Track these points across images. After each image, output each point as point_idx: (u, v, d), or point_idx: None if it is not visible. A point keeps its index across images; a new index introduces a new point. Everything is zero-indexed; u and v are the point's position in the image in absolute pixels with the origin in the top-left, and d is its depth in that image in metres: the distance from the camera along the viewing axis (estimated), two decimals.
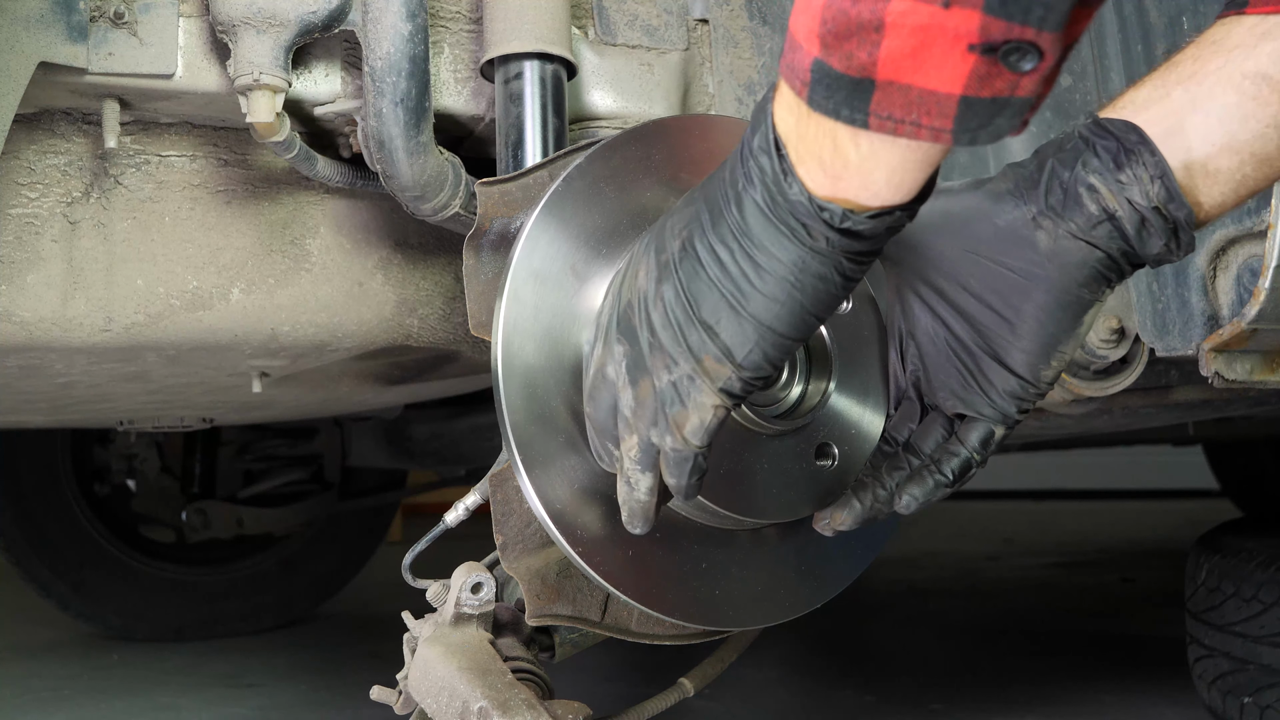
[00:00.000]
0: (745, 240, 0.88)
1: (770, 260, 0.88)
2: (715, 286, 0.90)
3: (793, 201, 0.85)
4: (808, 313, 0.90)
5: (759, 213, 0.87)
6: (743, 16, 1.55)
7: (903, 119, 0.77)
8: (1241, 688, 1.93)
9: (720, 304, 0.90)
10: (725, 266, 0.90)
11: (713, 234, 0.91)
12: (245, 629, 3.52)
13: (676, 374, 0.93)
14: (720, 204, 0.91)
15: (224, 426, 3.48)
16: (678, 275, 0.93)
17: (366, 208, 1.60)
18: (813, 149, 0.83)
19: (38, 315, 1.41)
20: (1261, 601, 1.91)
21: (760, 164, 0.86)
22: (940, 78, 0.74)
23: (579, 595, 1.15)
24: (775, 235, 0.87)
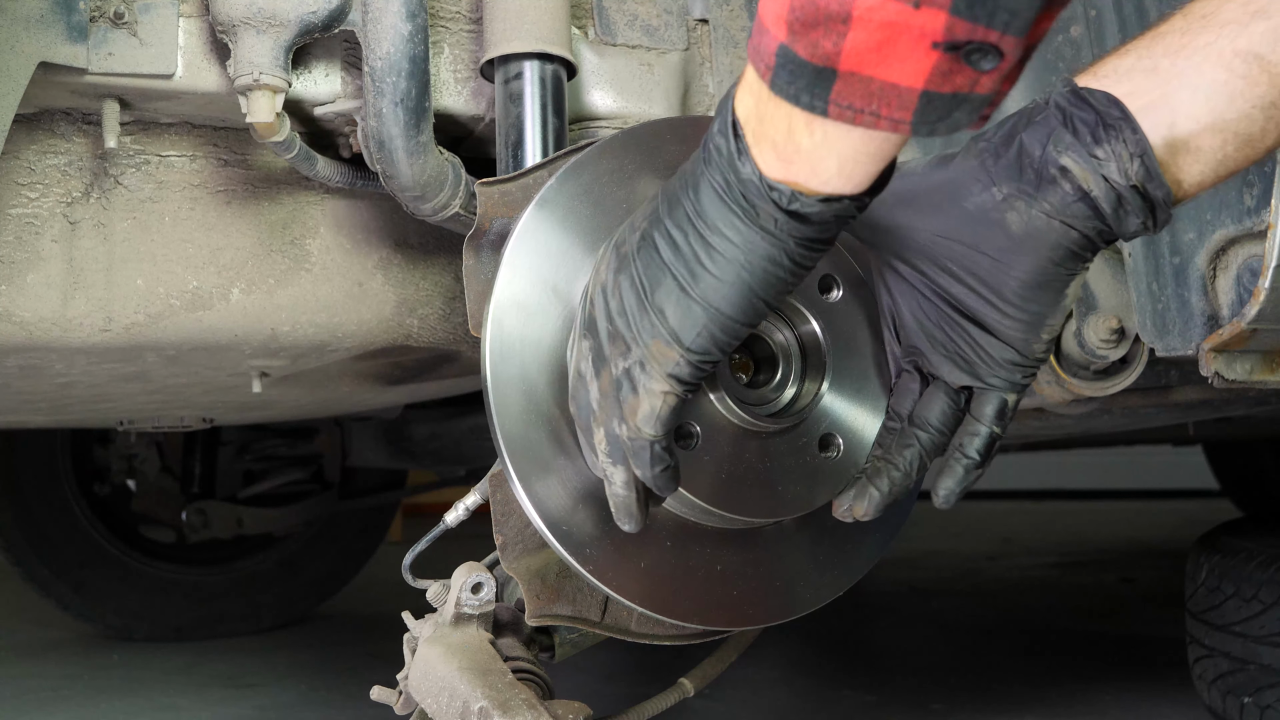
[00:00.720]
0: (699, 222, 0.89)
1: (721, 241, 0.88)
2: (667, 270, 0.91)
3: (745, 180, 0.86)
4: (756, 296, 0.90)
5: (713, 194, 0.88)
6: (743, 16, 1.55)
7: (862, 109, 0.78)
8: (1241, 688, 1.93)
9: (671, 287, 0.91)
10: (679, 248, 0.91)
11: (669, 220, 0.92)
12: (245, 629, 3.52)
13: (629, 361, 0.94)
14: (678, 191, 0.92)
15: (224, 426, 3.48)
16: (635, 264, 0.94)
17: (366, 208, 1.60)
18: (769, 131, 0.84)
19: (38, 315, 1.41)
20: (1261, 601, 1.91)
21: (717, 144, 0.88)
22: (903, 72, 0.76)
23: (579, 595, 1.15)
24: (727, 215, 0.88)
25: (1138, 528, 6.02)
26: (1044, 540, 5.57)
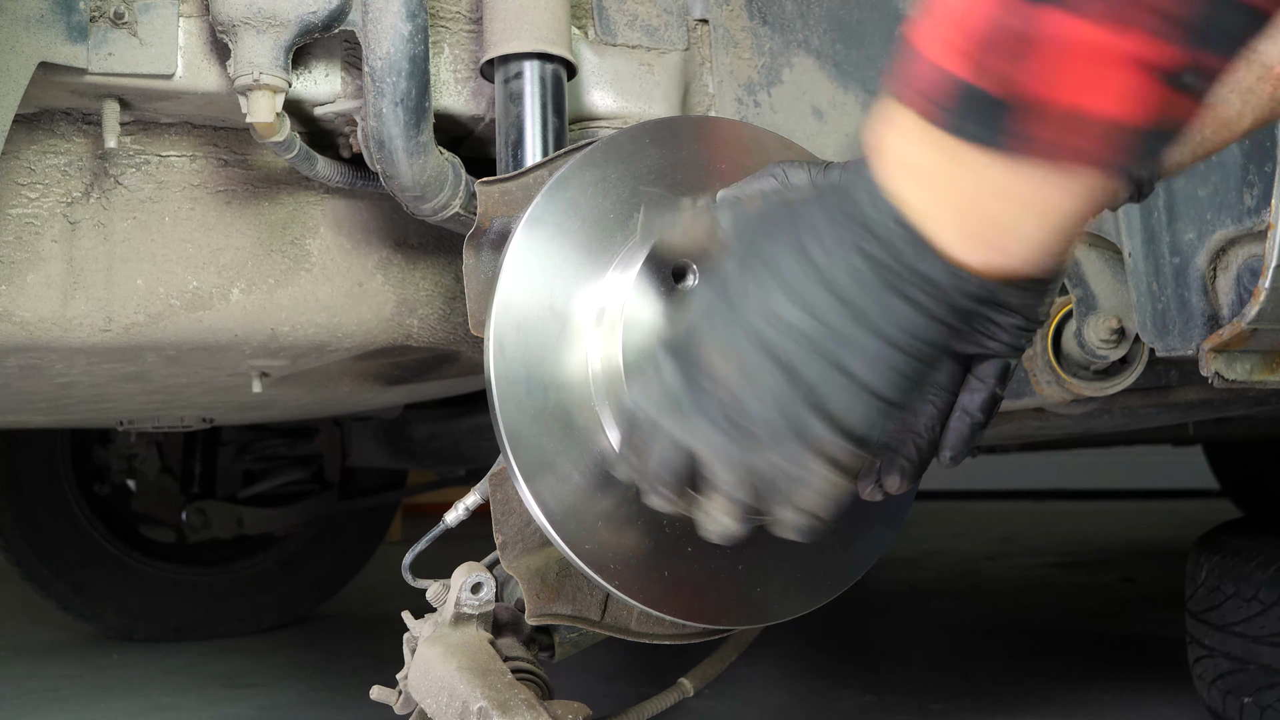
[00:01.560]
0: (847, 307, 0.78)
1: (880, 326, 0.78)
2: (817, 355, 0.80)
3: (927, 277, 0.75)
4: (918, 379, 0.82)
5: (867, 277, 0.76)
6: (743, 16, 1.55)
7: (1066, 147, 0.68)
8: (1241, 688, 1.93)
9: (827, 373, 0.80)
10: (827, 329, 0.79)
11: (808, 293, 0.79)
12: (245, 629, 3.52)
13: (781, 452, 0.83)
14: (811, 262, 0.79)
15: (224, 426, 3.48)
16: (766, 345, 0.81)
17: (366, 208, 1.60)
18: (948, 195, 0.72)
19: (38, 315, 1.41)
20: (1261, 601, 1.91)
21: (876, 228, 0.75)
22: (1116, 103, 0.66)
23: (579, 595, 1.15)
24: (886, 301, 0.77)
25: (1138, 528, 6.02)
26: (1044, 540, 5.57)
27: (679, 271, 1.08)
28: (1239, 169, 1.35)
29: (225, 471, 3.60)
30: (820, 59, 1.58)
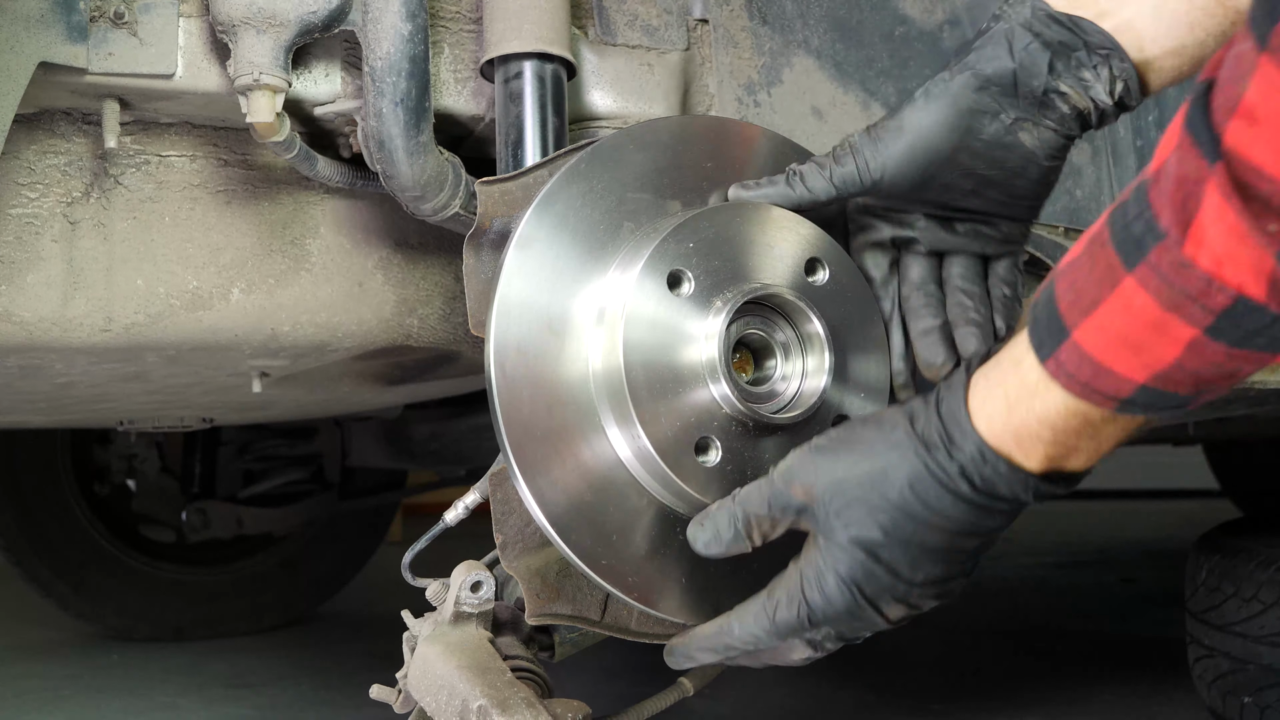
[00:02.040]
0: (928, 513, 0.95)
1: (951, 546, 0.97)
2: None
3: (1009, 498, 0.93)
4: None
5: (959, 514, 0.95)
6: (743, 16, 1.55)
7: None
8: (1241, 688, 1.93)
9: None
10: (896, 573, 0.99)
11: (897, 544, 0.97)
12: (245, 629, 3.52)
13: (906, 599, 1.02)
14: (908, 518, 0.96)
15: (224, 426, 3.48)
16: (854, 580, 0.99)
17: (366, 208, 1.60)
18: (1066, 440, 0.90)
19: (38, 315, 1.41)
20: (1261, 601, 1.91)
21: (973, 472, 0.92)
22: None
23: (578, 594, 1.15)
24: (972, 521, 0.95)
25: (1138, 528, 6.02)
26: (1044, 540, 5.56)
27: (674, 279, 1.08)
28: None
29: (225, 471, 3.60)
30: (820, 59, 1.58)
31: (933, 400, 0.96)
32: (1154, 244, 0.75)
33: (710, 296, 1.10)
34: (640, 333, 1.07)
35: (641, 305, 1.07)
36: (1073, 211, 1.59)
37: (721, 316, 1.09)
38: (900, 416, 0.97)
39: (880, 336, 1.18)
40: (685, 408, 1.08)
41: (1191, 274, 0.73)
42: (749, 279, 1.12)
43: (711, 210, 1.13)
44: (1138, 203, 0.77)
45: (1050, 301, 0.85)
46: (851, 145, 1.13)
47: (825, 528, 0.98)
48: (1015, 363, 0.90)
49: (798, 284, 1.15)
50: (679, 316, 1.09)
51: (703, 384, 1.09)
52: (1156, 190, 0.75)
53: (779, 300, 1.13)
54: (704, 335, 1.09)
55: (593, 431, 1.09)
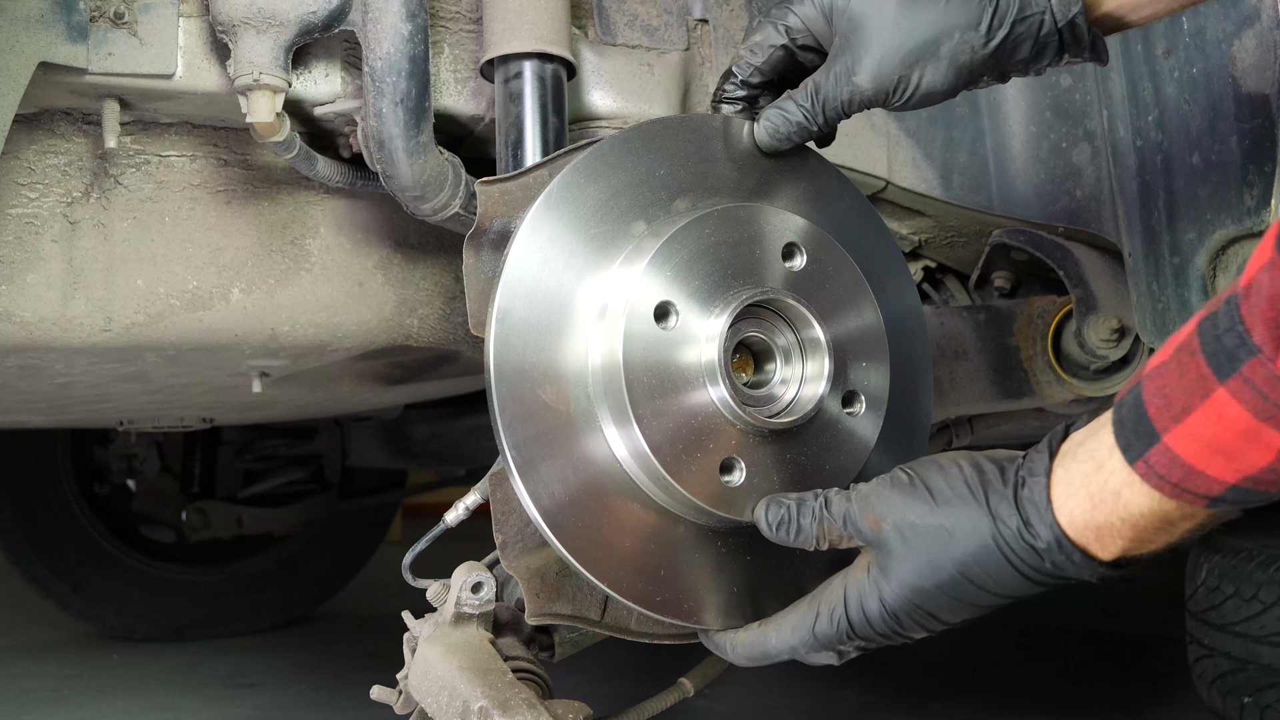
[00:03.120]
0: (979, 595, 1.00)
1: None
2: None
3: (1067, 576, 0.96)
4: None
5: (1016, 582, 0.98)
6: (743, 16, 1.55)
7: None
8: (1241, 688, 1.93)
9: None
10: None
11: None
12: (245, 629, 3.52)
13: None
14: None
15: (224, 426, 3.48)
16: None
17: (366, 208, 1.60)
18: (1145, 533, 0.92)
19: (38, 315, 1.41)
20: (1261, 601, 1.91)
21: (1044, 552, 0.95)
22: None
23: (579, 595, 1.15)
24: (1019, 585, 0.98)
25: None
26: None
27: (661, 311, 1.09)
28: (1239, 169, 1.35)
29: (225, 471, 3.60)
30: None
31: (1012, 478, 0.98)
32: (1247, 358, 0.80)
33: (711, 300, 1.10)
34: (640, 333, 1.07)
35: (647, 298, 1.07)
36: (1073, 211, 1.59)
37: (723, 319, 1.09)
38: (976, 477, 0.99)
39: (878, 330, 1.18)
40: (683, 409, 1.08)
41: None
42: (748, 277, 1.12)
43: (710, 214, 1.13)
44: (1229, 316, 0.81)
45: (1138, 405, 0.88)
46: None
47: (883, 560, 1.02)
48: (1098, 464, 0.92)
49: (775, 269, 1.15)
50: (680, 316, 1.09)
51: (701, 386, 1.09)
52: (1248, 305, 0.79)
53: (781, 304, 1.13)
54: (705, 337, 1.09)
55: (591, 432, 1.09)
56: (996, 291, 1.75)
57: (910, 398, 1.26)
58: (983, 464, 1.00)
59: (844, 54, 1.13)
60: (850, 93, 1.13)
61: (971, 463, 1.01)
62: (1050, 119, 1.59)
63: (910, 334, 1.28)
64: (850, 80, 1.13)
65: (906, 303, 1.29)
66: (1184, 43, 1.39)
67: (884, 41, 1.11)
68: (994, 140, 1.62)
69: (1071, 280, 1.60)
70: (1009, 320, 1.68)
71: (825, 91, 1.14)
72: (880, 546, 1.02)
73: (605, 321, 1.09)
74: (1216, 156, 1.37)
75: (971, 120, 1.62)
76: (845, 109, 1.15)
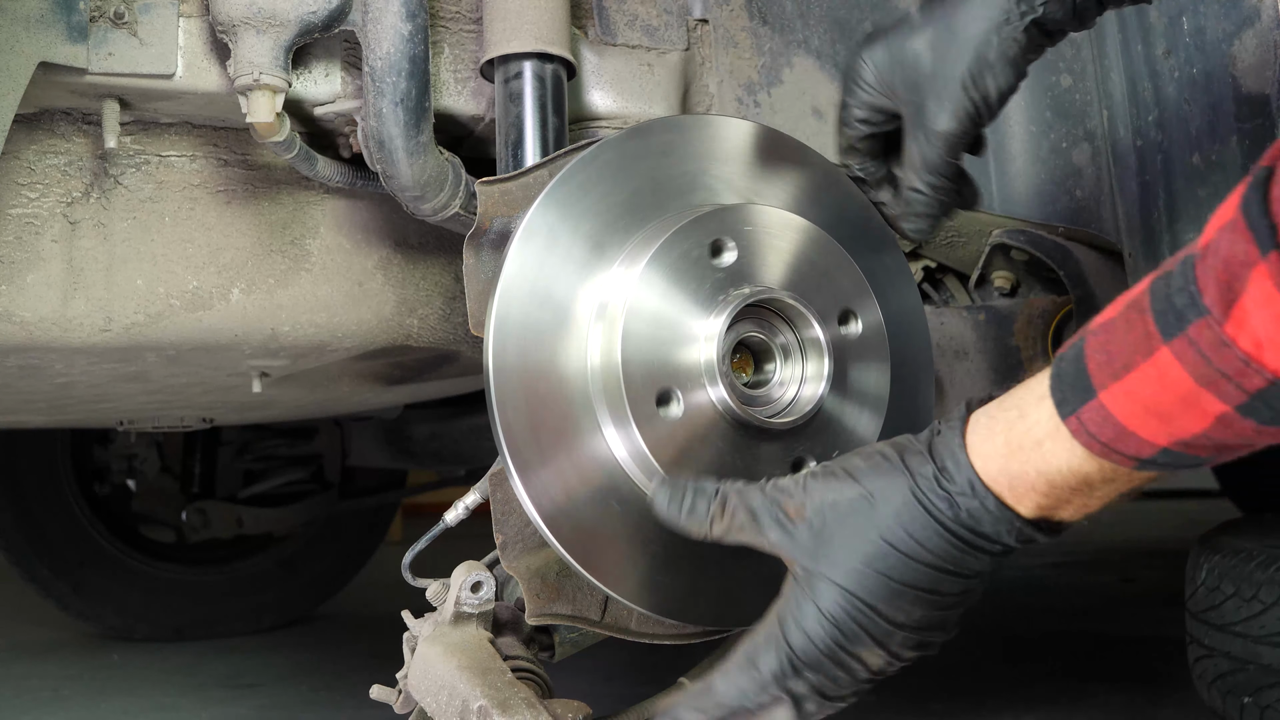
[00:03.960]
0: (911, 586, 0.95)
1: (938, 586, 0.96)
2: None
3: (997, 540, 0.93)
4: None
5: (945, 550, 0.94)
6: (743, 16, 1.55)
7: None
8: (1241, 688, 1.93)
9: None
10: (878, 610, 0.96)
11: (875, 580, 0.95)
12: (245, 629, 3.52)
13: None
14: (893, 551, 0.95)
15: (224, 426, 3.48)
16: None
17: (366, 208, 1.60)
18: (1074, 495, 0.90)
19: (38, 315, 1.41)
20: (1261, 601, 1.91)
21: (963, 510, 0.92)
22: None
23: (579, 595, 1.15)
24: (957, 560, 0.94)
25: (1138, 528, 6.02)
26: None
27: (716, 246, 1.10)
28: (1239, 169, 1.35)
29: (225, 471, 3.60)
30: (820, 59, 1.58)
31: (927, 435, 0.96)
32: (1195, 318, 0.77)
33: (714, 297, 1.10)
34: (640, 333, 1.07)
35: (646, 298, 1.07)
36: (1073, 211, 1.60)
37: (723, 318, 1.09)
38: (893, 449, 0.97)
39: (879, 330, 1.19)
40: (683, 408, 1.08)
41: (1229, 353, 0.75)
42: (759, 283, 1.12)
43: (709, 214, 1.13)
44: (1183, 275, 0.78)
45: (1079, 359, 0.86)
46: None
47: (808, 555, 0.97)
48: (1022, 412, 0.90)
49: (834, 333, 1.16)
50: (680, 317, 1.09)
51: (700, 386, 1.09)
52: (1203, 266, 0.77)
53: (781, 304, 1.13)
54: (704, 336, 1.09)
55: (590, 432, 1.09)
56: (996, 291, 1.75)
57: (910, 397, 1.26)
58: (899, 439, 0.99)
59: (913, 114, 1.15)
60: (941, 141, 1.14)
61: (891, 440, 1.00)
62: (1050, 119, 1.59)
63: (910, 334, 1.28)
64: (933, 131, 1.14)
65: (907, 303, 1.29)
66: (1184, 43, 1.39)
67: (942, 82, 1.12)
68: (994, 140, 1.62)
69: (1071, 280, 1.60)
70: (1009, 320, 1.68)
71: (922, 156, 1.16)
72: (799, 541, 0.97)
73: (604, 322, 1.09)
74: (1216, 156, 1.37)
75: None
76: (952, 154, 1.16)
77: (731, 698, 1.00)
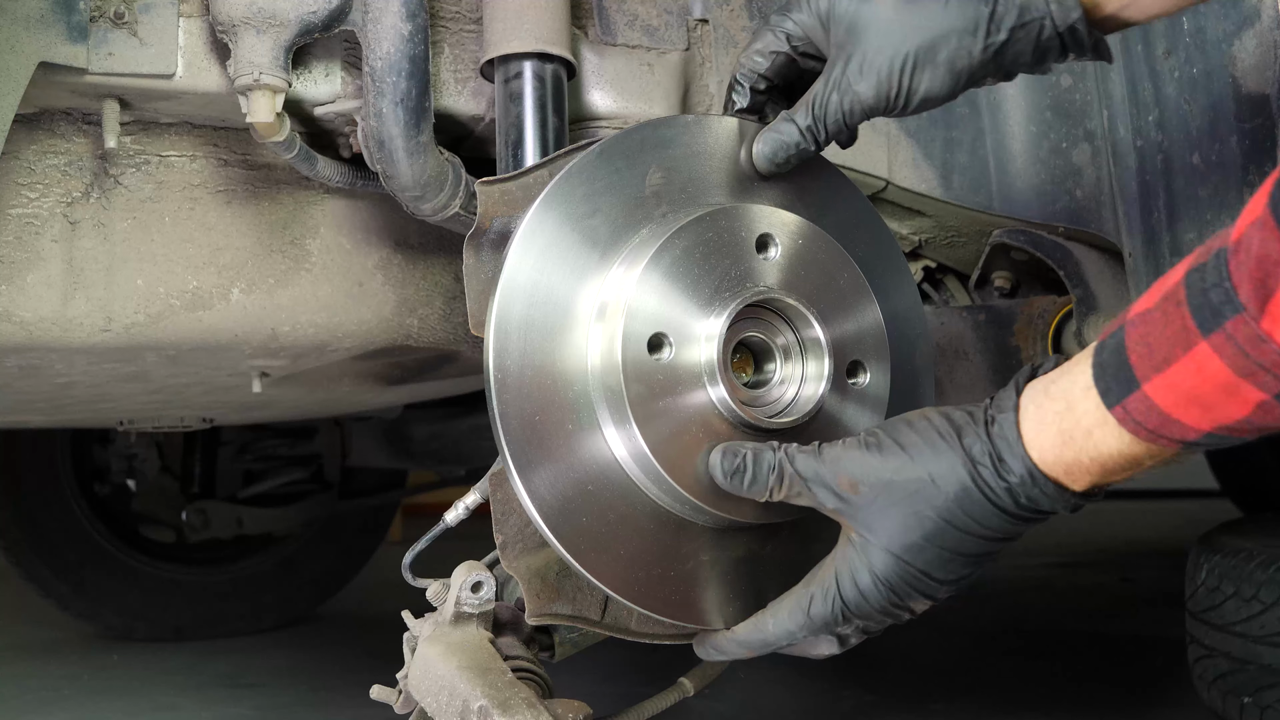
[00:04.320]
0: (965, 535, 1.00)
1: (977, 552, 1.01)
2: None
3: (1044, 510, 0.97)
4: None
5: (996, 519, 0.98)
6: (743, 16, 1.55)
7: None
8: (1241, 688, 1.93)
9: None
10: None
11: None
12: (245, 629, 3.52)
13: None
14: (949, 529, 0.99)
15: (224, 426, 3.48)
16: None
17: (366, 208, 1.60)
18: (1120, 465, 0.93)
19: (38, 315, 1.41)
20: (1261, 601, 1.91)
21: (1017, 488, 0.96)
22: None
23: (579, 595, 1.15)
24: (1003, 528, 0.99)
25: (1138, 528, 6.02)
26: (1043, 540, 5.56)
27: (655, 343, 1.08)
28: (1239, 169, 1.35)
29: (225, 471, 3.60)
30: None
31: (981, 417, 0.99)
32: (1231, 315, 0.80)
33: (708, 304, 1.10)
34: (640, 333, 1.07)
35: (645, 299, 1.07)
36: (1073, 211, 1.59)
37: (723, 318, 1.09)
38: (948, 426, 1.00)
39: (878, 330, 1.19)
40: (682, 410, 1.08)
41: (1267, 348, 0.79)
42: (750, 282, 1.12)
43: (709, 214, 1.13)
44: (1216, 271, 0.81)
45: (1120, 350, 0.89)
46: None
47: (865, 525, 1.01)
48: (1070, 404, 0.93)
49: (748, 257, 1.14)
50: (679, 317, 1.09)
51: (700, 386, 1.09)
52: (1236, 262, 0.80)
53: (780, 304, 1.13)
54: (704, 336, 1.09)
55: (591, 432, 1.09)
56: (996, 291, 1.75)
57: (910, 398, 1.26)
58: (951, 413, 1.01)
59: (840, 62, 1.12)
60: (850, 102, 1.12)
61: (940, 413, 1.01)
62: (1050, 119, 1.59)
63: (910, 334, 1.28)
64: (850, 89, 1.11)
65: (907, 303, 1.29)
66: (1184, 43, 1.39)
67: (880, 48, 1.10)
68: (994, 140, 1.62)
69: (1071, 280, 1.60)
70: (1009, 320, 1.68)
71: (824, 104, 1.13)
72: (858, 511, 1.01)
73: (604, 322, 1.09)
74: (1216, 156, 1.37)
75: (972, 120, 1.62)
76: (846, 120, 1.13)
77: (780, 638, 1.09)
